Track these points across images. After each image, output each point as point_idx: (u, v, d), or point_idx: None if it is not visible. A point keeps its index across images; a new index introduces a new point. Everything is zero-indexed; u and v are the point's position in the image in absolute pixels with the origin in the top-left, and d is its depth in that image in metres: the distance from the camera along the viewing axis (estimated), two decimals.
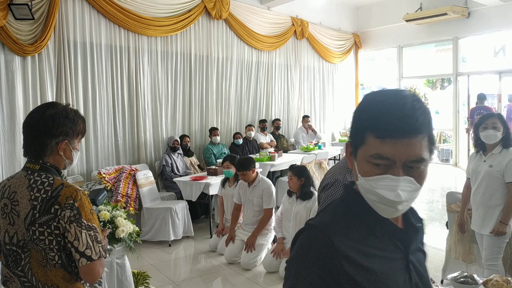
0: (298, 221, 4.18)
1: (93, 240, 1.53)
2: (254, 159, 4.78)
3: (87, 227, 1.52)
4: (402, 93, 0.90)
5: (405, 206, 0.90)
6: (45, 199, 1.52)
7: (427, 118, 0.88)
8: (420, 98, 0.91)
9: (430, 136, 0.89)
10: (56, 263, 1.54)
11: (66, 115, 1.62)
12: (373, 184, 0.88)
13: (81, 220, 1.52)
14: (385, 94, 0.91)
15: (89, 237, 1.52)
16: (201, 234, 5.51)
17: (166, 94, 6.77)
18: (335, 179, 1.86)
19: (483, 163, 3.09)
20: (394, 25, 10.02)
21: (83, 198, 1.55)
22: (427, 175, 0.93)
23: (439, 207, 6.52)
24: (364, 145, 0.90)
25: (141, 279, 3.46)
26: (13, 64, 5.05)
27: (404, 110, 0.86)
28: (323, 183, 1.91)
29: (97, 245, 1.54)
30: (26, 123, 1.62)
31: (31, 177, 1.57)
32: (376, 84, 12.00)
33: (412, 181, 0.88)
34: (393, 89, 0.93)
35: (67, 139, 1.63)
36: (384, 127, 0.86)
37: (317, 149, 7.83)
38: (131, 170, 5.49)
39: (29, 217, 1.53)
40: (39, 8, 5.17)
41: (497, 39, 9.15)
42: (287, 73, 9.03)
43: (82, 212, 1.52)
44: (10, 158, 5.04)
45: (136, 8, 6.19)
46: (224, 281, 4.25)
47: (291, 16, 8.86)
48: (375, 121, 0.87)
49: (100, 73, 5.93)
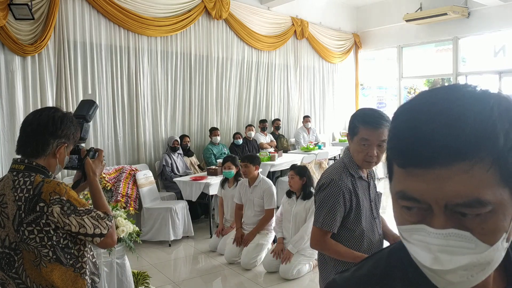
0: (297, 221, 4.19)
1: (97, 219, 1.58)
2: (260, 159, 4.83)
3: (86, 211, 1.56)
4: (460, 90, 0.56)
5: (465, 278, 0.54)
6: (28, 198, 1.52)
7: (487, 130, 0.51)
8: (504, 98, 0.56)
9: (497, 160, 0.52)
10: (51, 258, 1.55)
11: (71, 120, 1.69)
12: (408, 237, 0.58)
13: (77, 209, 1.54)
14: (435, 95, 0.57)
15: (92, 219, 1.57)
16: (201, 234, 5.51)
17: (166, 94, 6.76)
18: (331, 179, 1.87)
19: None
20: (394, 25, 10.02)
21: (67, 189, 1.57)
22: (503, 225, 0.54)
23: None
24: (392, 177, 0.60)
25: (141, 279, 3.46)
26: (13, 64, 5.05)
27: (442, 119, 0.52)
28: (319, 183, 1.93)
29: (102, 221, 1.59)
30: (33, 121, 1.63)
31: (16, 178, 1.58)
32: (376, 84, 12.00)
33: (463, 236, 0.53)
34: (451, 86, 0.58)
35: (67, 143, 1.67)
36: (406, 150, 0.55)
37: (317, 149, 7.84)
38: (131, 170, 5.49)
39: (16, 218, 1.53)
40: (39, 8, 5.17)
41: (497, 39, 9.14)
42: (287, 73, 9.03)
43: (74, 202, 1.55)
44: (10, 158, 5.04)
45: (136, 8, 6.19)
46: (224, 281, 4.25)
47: (291, 16, 8.86)
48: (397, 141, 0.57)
49: (100, 73, 5.93)
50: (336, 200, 1.83)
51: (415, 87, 12.28)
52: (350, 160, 1.91)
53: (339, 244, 1.86)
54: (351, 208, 1.86)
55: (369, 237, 1.91)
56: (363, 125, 1.81)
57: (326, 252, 1.91)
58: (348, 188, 1.86)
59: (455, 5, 8.46)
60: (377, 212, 2.00)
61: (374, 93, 12.26)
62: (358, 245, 1.88)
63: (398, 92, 10.75)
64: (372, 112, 1.86)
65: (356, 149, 1.86)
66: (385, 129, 1.79)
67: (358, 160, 1.87)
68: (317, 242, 1.89)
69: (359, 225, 1.88)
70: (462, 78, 9.37)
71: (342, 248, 1.85)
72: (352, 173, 1.89)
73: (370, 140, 1.79)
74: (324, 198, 1.86)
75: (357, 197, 1.88)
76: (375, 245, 1.94)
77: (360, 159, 1.86)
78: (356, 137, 1.84)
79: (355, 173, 1.89)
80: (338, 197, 1.83)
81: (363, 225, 1.89)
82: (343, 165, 1.92)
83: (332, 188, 1.85)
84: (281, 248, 4.21)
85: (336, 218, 1.84)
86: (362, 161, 1.86)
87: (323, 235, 1.86)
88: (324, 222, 1.84)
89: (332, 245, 1.86)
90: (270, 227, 4.58)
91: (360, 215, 1.88)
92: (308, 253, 4.11)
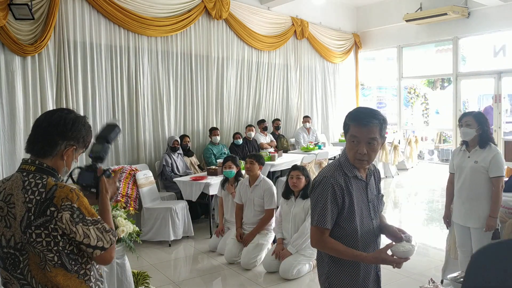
0: (297, 222, 4.20)
1: (102, 231, 1.57)
2: (265, 159, 4.86)
3: (93, 222, 1.55)
4: None
5: None
6: (39, 201, 1.51)
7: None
8: None
9: None
10: (56, 263, 1.53)
11: (83, 123, 1.67)
12: None
13: (85, 219, 1.53)
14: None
15: (97, 230, 1.55)
16: (201, 234, 5.51)
17: (166, 94, 6.77)
18: (323, 176, 1.89)
19: (467, 159, 3.26)
20: (394, 25, 10.02)
21: (80, 196, 1.55)
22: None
23: (439, 207, 6.51)
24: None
25: (141, 279, 3.46)
26: (13, 64, 5.05)
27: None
28: (313, 182, 1.95)
29: (107, 234, 1.58)
30: (44, 120, 1.63)
31: (26, 178, 1.56)
32: (376, 84, 12.01)
33: None
34: None
35: (76, 146, 1.64)
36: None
37: (317, 149, 7.83)
38: (131, 170, 5.49)
39: (24, 219, 1.51)
40: (39, 8, 5.17)
41: (497, 39, 9.15)
42: (287, 73, 9.03)
43: (84, 211, 1.53)
44: (10, 158, 5.05)
45: (136, 8, 6.19)
46: (224, 281, 4.25)
47: (291, 16, 8.86)
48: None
49: (100, 73, 5.93)
50: (326, 196, 1.84)
51: (415, 87, 12.29)
52: (345, 159, 1.92)
53: (339, 242, 1.86)
54: (344, 206, 1.86)
55: (363, 236, 1.91)
56: (352, 122, 1.86)
57: (327, 251, 1.90)
58: (340, 185, 1.86)
59: (455, 5, 8.46)
60: (375, 213, 1.99)
61: (374, 93, 12.27)
62: (352, 244, 1.88)
63: (398, 92, 10.75)
64: (364, 110, 1.90)
65: (347, 147, 1.92)
66: (374, 127, 1.83)
67: (351, 158, 1.90)
68: (316, 241, 1.89)
69: (351, 224, 1.88)
70: (462, 78, 9.37)
71: (341, 246, 1.85)
72: (346, 172, 1.90)
73: (359, 137, 1.84)
74: (317, 195, 1.87)
75: (350, 195, 1.87)
76: (370, 245, 1.94)
77: (352, 156, 1.89)
78: (348, 134, 1.90)
79: (349, 172, 1.90)
80: (328, 193, 1.84)
81: (356, 224, 1.89)
82: (338, 163, 1.94)
83: (323, 186, 1.86)
84: (281, 248, 4.21)
85: (328, 214, 1.84)
86: (354, 159, 1.88)
87: (321, 234, 1.86)
88: (319, 219, 1.85)
89: (331, 244, 1.86)
90: (270, 227, 4.58)
91: (353, 214, 1.88)
92: (308, 253, 4.12)
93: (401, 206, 7.31)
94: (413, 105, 12.39)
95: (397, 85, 10.70)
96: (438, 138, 11.93)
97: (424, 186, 8.47)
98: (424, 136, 11.87)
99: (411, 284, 3.74)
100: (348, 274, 1.90)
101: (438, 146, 11.76)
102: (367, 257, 1.83)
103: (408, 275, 3.92)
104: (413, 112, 12.45)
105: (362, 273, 1.91)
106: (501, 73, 8.74)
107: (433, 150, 11.69)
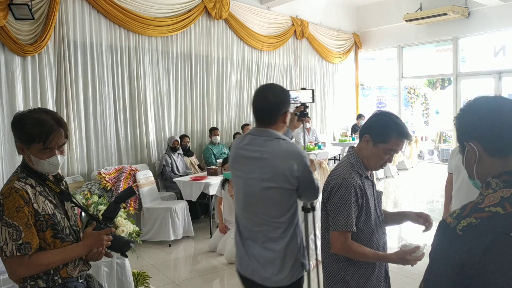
0: None
1: (9, 237, 1.54)
2: None
3: (7, 223, 1.54)
4: None
5: None
6: None
7: None
8: None
9: None
10: None
11: (19, 120, 1.70)
12: None
13: (2, 217, 1.55)
14: None
15: (7, 234, 1.54)
16: (201, 234, 5.51)
17: (167, 94, 6.76)
18: (342, 178, 1.83)
19: None
20: (394, 25, 10.02)
21: (13, 195, 1.56)
22: None
23: (439, 207, 6.51)
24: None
25: (141, 279, 3.46)
26: (13, 64, 5.05)
27: None
28: (331, 185, 1.86)
29: (12, 243, 1.53)
30: None
31: None
32: (376, 84, 12.00)
33: None
34: None
35: (21, 144, 1.69)
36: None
37: (317, 149, 7.83)
38: (131, 170, 5.50)
39: None
40: (39, 8, 5.17)
41: (497, 39, 9.14)
42: (287, 73, 9.03)
43: (5, 209, 1.55)
44: (10, 158, 5.04)
45: (136, 8, 6.19)
46: (224, 281, 4.25)
47: (291, 16, 8.86)
48: None
49: (101, 73, 5.93)
50: (350, 198, 1.80)
51: (415, 87, 12.29)
52: (357, 160, 1.89)
53: (362, 245, 1.82)
54: (362, 207, 1.84)
55: (377, 236, 1.90)
56: (399, 136, 1.81)
57: (351, 255, 1.83)
58: (359, 186, 1.83)
59: (455, 5, 8.47)
60: (381, 211, 1.99)
61: (374, 93, 12.27)
62: (368, 244, 1.84)
63: (398, 92, 10.75)
64: (402, 123, 1.86)
65: (376, 155, 1.86)
66: None
67: (372, 164, 1.87)
68: (341, 247, 1.81)
69: (368, 224, 1.86)
70: (462, 78, 9.37)
71: (366, 249, 1.81)
72: (360, 173, 1.88)
73: (397, 150, 1.85)
74: (339, 198, 1.81)
75: (366, 196, 1.86)
76: (381, 244, 1.94)
77: (375, 163, 1.88)
78: (384, 145, 1.83)
79: (362, 172, 1.88)
80: (351, 195, 1.80)
81: (372, 224, 1.87)
82: (350, 164, 1.89)
83: (344, 188, 1.81)
84: None
85: (353, 217, 1.80)
86: (376, 166, 1.88)
87: (345, 238, 1.80)
88: (345, 224, 1.79)
89: (356, 247, 1.80)
90: None
91: (369, 214, 1.87)
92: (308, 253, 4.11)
93: (401, 206, 7.31)
94: (413, 105, 12.39)
95: (397, 85, 10.71)
96: (438, 138, 11.93)
97: (424, 186, 8.47)
98: (424, 136, 11.87)
99: (411, 284, 3.74)
100: (364, 275, 1.88)
101: (438, 146, 11.77)
102: (391, 256, 1.80)
103: (408, 275, 3.92)
104: (413, 112, 12.45)
105: (376, 273, 1.90)
106: (501, 73, 8.75)
107: (433, 150, 11.70)
